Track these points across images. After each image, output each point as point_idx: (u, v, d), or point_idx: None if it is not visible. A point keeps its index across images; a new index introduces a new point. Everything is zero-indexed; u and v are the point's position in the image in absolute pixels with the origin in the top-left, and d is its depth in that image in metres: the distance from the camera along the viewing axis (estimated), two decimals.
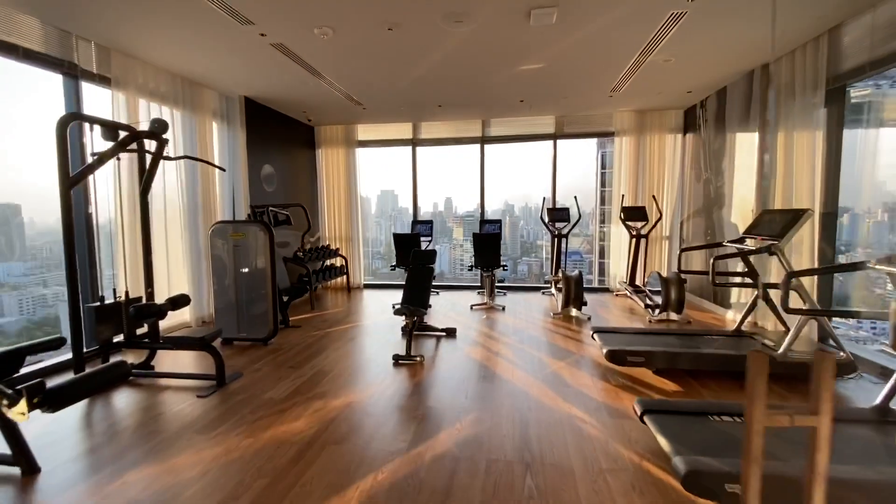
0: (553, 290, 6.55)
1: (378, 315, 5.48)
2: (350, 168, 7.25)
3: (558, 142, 6.83)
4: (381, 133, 7.25)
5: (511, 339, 4.31)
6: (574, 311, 5.19)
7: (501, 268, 5.70)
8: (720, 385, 3.13)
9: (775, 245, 3.14)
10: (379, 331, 4.70)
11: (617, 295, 6.53)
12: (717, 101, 5.40)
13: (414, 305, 3.87)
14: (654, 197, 6.30)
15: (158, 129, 3.06)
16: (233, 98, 5.43)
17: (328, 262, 7.00)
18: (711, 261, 3.21)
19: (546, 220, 6.50)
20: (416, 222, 6.81)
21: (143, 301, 3.42)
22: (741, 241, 3.70)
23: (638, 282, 6.37)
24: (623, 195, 6.31)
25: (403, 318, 4.25)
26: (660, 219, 6.16)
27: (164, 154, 3.27)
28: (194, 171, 4.87)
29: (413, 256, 4.29)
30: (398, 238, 5.81)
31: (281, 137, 6.36)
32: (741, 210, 4.84)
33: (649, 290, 5.73)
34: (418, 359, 3.63)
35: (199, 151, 4.91)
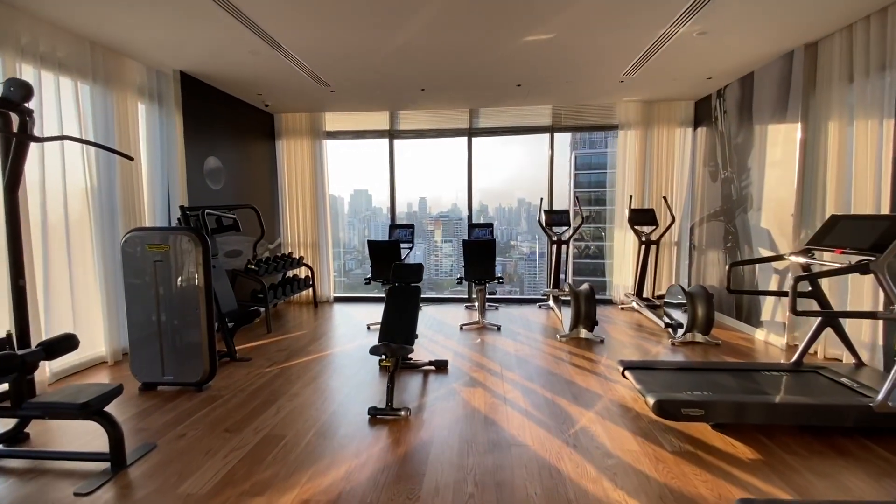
0: (552, 303, 5.76)
1: (350, 339, 4.53)
2: (317, 163, 6.25)
3: (554, 135, 6.05)
4: (353, 123, 6.28)
5: (516, 374, 3.46)
6: (584, 332, 4.39)
7: (496, 280, 4.86)
8: (805, 446, 2.37)
9: (874, 262, 2.41)
10: (351, 363, 3.76)
11: (622, 308, 5.81)
12: (742, 88, 4.73)
13: (397, 341, 2.95)
14: (664, 198, 5.60)
15: (12, 95, 2.04)
16: (165, 73, 4.37)
17: (290, 274, 5.99)
18: (792, 283, 2.45)
19: (543, 223, 5.71)
20: (394, 226, 5.89)
21: (9, 343, 2.38)
22: (805, 253, 2.98)
23: (646, 293, 5.66)
24: (630, 196, 5.58)
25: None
26: (672, 222, 5.46)
27: (33, 134, 2.25)
28: (110, 164, 3.80)
29: (394, 271, 3.38)
30: (374, 247, 4.88)
31: (230, 125, 5.31)
32: (777, 214, 4.16)
33: (666, 305, 5.01)
34: (403, 413, 2.72)
35: (117, 137, 3.84)
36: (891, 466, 2.19)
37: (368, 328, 4.92)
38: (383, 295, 6.29)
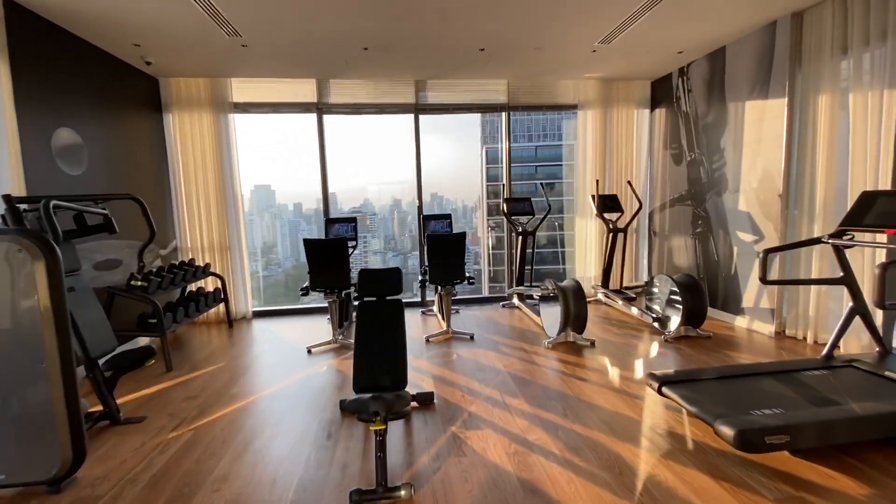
0: (516, 301, 5.17)
1: (288, 371, 3.45)
2: (223, 143, 4.91)
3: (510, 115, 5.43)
4: (269, 93, 5.03)
5: (523, 402, 2.74)
6: (572, 336, 3.83)
7: (467, 281, 4.10)
8: (891, 460, 1.98)
9: None
10: (297, 409, 2.74)
11: (588, 301, 5.40)
12: (710, 65, 4.49)
13: (381, 384, 2.04)
14: (629, 183, 5.29)
15: None
16: None
17: (193, 287, 4.63)
18: (878, 273, 2.03)
19: (505, 212, 5.07)
20: (332, 221, 4.82)
21: None
22: (839, 235, 2.66)
23: (613, 284, 5.32)
24: (598, 181, 5.15)
25: (356, 416, 2.39)
26: (640, 209, 5.16)
27: None
28: None
29: (362, 281, 2.44)
30: (313, 248, 3.82)
31: (95, 87, 3.83)
32: (760, 195, 3.95)
33: (650, 296, 4.66)
34: (402, 493, 1.82)
35: None
36: None
37: (310, 352, 3.86)
38: (324, 305, 5.23)
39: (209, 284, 4.89)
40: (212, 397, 2.97)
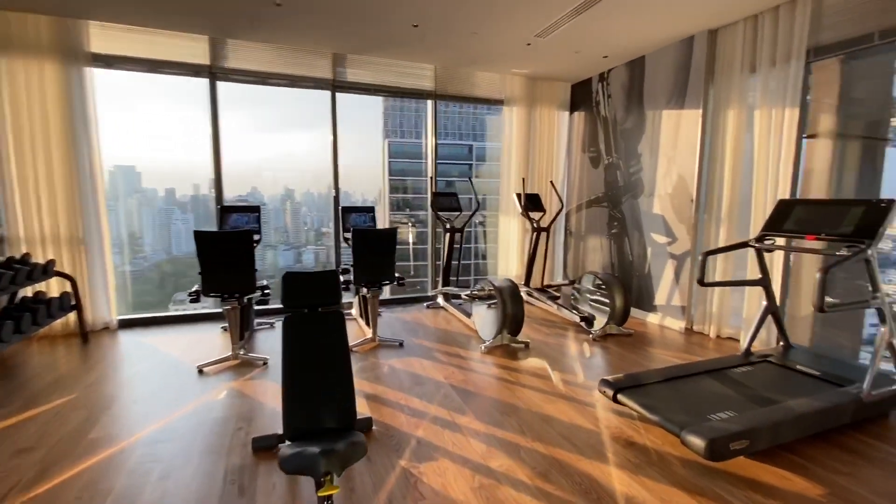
0: (441, 301, 4.89)
1: (169, 399, 2.70)
2: (75, 105, 3.78)
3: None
4: (145, 47, 4.01)
5: (474, 419, 2.45)
6: (507, 338, 3.66)
7: (397, 282, 3.68)
8: (823, 452, 2.11)
9: (865, 248, 2.28)
10: (187, 455, 2.09)
11: None
12: (630, 73, 4.68)
13: (324, 432, 1.57)
14: (552, 183, 5.32)
15: None
16: None
17: (29, 291, 3.50)
18: (819, 277, 2.13)
19: (433, 208, 4.74)
20: (228, 210, 4.01)
21: None
22: (761, 240, 2.84)
23: (534, 283, 5.33)
24: (524, 179, 5.08)
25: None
26: (562, 208, 5.22)
27: None
28: None
29: (288, 289, 1.92)
30: (206, 242, 3.07)
31: None
32: (673, 199, 4.20)
33: (578, 295, 4.70)
34: None
35: None
36: (868, 448, 2.06)
37: (201, 372, 3.11)
38: (215, 311, 4.35)
39: (53, 288, 3.75)
40: (59, 448, 2.15)
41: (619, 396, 2.43)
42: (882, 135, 3.27)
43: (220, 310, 4.30)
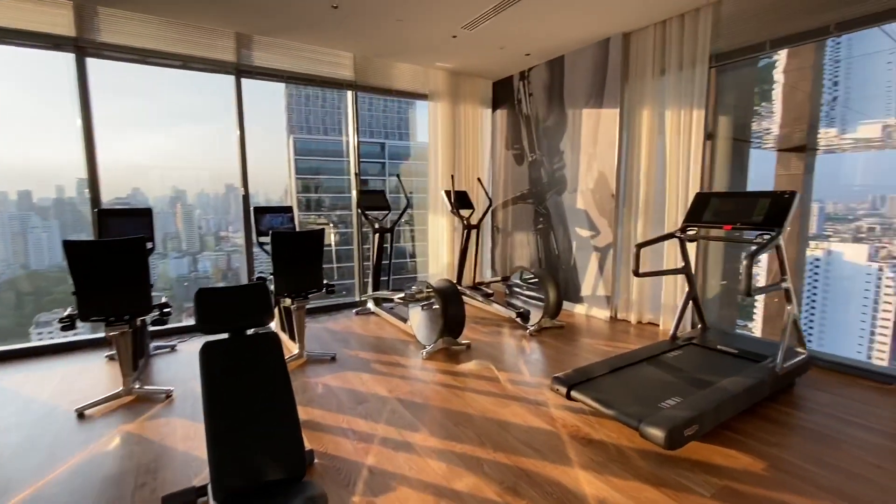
0: (372, 306, 4.60)
1: (39, 455, 2.11)
2: None
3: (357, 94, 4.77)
4: None
5: (427, 434, 2.26)
6: (448, 341, 3.51)
7: (326, 289, 3.32)
8: (753, 426, 2.29)
9: (776, 236, 2.51)
10: None
11: None
12: (550, 72, 4.79)
13: (266, 486, 1.26)
14: (479, 179, 5.28)
15: None
16: None
17: None
18: (746, 263, 2.28)
19: (359, 207, 4.42)
20: (108, 213, 3.30)
21: None
22: (684, 230, 3.03)
23: (466, 281, 5.26)
24: (452, 176, 4.96)
25: None
26: (490, 205, 5.20)
27: None
28: None
29: (204, 308, 1.55)
30: (82, 254, 2.45)
31: None
32: (595, 195, 4.38)
33: (512, 290, 4.69)
34: None
35: None
36: (809, 422, 2.30)
37: (82, 416, 2.50)
38: (100, 335, 3.55)
39: None
40: None
41: (573, 393, 2.40)
42: (747, 137, 3.72)
43: (102, 335, 3.56)
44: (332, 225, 6.57)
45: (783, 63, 3.51)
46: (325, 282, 3.34)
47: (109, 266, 2.53)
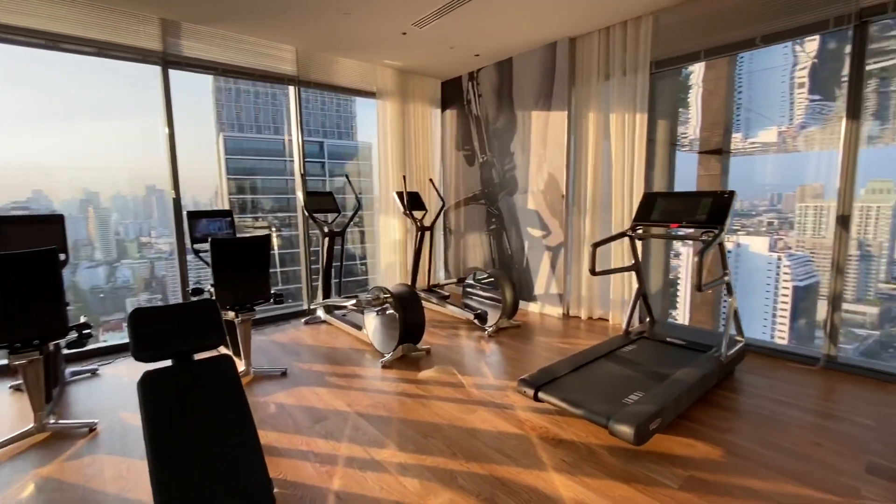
0: (323, 314, 4.37)
1: None
2: None
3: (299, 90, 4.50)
4: None
5: (396, 450, 2.15)
6: (407, 346, 3.41)
7: (274, 299, 3.08)
8: (706, 414, 2.42)
9: (719, 233, 2.67)
10: None
11: None
12: (499, 73, 4.82)
13: None
14: (431, 180, 5.20)
15: None
16: None
17: None
18: (696, 259, 2.40)
19: (306, 209, 4.17)
20: (7, 221, 2.83)
21: None
22: (634, 229, 3.15)
23: (420, 283, 5.17)
24: (404, 176, 4.83)
25: None
26: (444, 206, 5.14)
27: None
28: None
29: (141, 331, 1.34)
30: None
31: None
32: (546, 195, 4.46)
33: (469, 292, 4.64)
34: None
35: None
36: (752, 406, 2.48)
37: None
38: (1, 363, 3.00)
39: None
40: None
41: (541, 394, 2.40)
42: (674, 140, 3.98)
43: (4, 362, 3.07)
44: (273, 229, 6.19)
45: (702, 73, 3.79)
46: (273, 291, 3.11)
47: (12, 283, 2.16)
